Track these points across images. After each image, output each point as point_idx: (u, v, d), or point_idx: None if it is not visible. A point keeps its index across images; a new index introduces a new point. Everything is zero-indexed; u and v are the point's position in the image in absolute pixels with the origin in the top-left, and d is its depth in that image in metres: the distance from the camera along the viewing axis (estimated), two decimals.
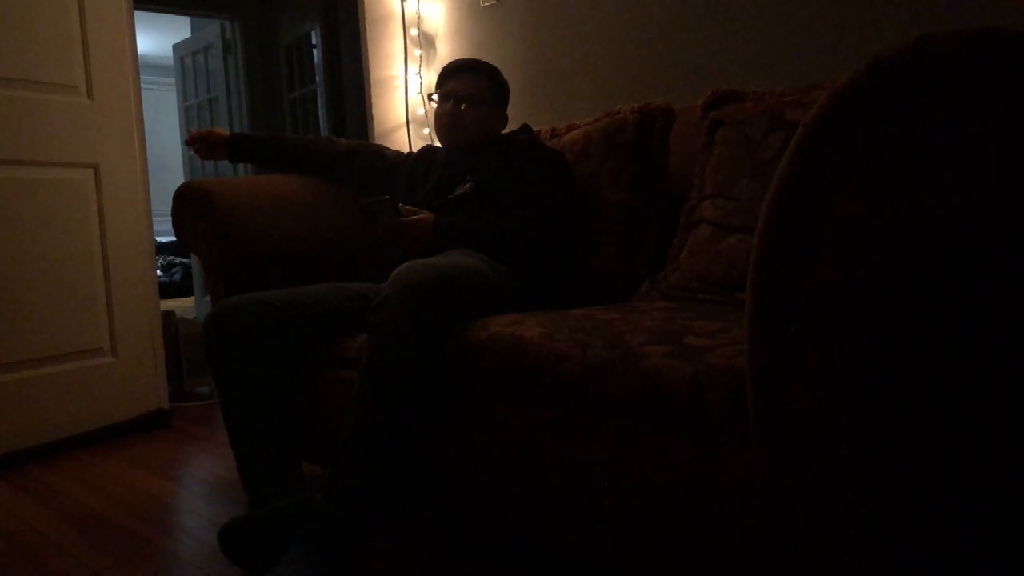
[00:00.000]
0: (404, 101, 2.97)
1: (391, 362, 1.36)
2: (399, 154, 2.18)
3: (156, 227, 2.73)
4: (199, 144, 2.09)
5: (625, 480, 1.14)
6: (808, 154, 0.81)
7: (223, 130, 2.14)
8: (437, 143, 2.28)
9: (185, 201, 1.91)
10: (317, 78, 5.10)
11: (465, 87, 1.95)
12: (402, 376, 1.36)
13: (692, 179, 1.77)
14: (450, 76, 2.00)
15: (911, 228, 0.76)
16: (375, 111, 2.94)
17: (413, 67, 2.95)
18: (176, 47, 5.85)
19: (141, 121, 2.62)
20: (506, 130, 2.04)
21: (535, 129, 2.06)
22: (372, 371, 1.37)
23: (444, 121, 1.95)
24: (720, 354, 1.05)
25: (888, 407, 0.80)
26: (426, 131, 2.92)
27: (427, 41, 2.95)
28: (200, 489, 2.06)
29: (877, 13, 1.86)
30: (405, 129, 2.96)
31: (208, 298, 4.50)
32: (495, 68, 2.03)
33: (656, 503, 1.10)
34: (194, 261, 5.44)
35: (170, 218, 1.96)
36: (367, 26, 2.92)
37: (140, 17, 2.77)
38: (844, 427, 0.82)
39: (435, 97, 2.01)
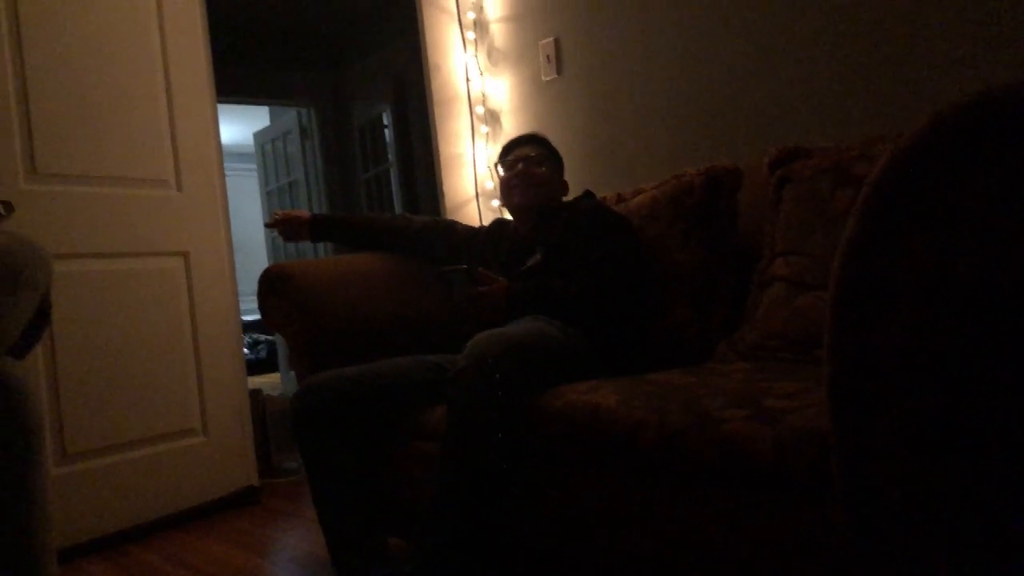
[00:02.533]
0: (473, 176, 3.05)
1: (470, 433, 1.38)
2: (470, 228, 2.23)
3: (241, 306, 2.83)
4: (282, 227, 2.19)
5: (707, 546, 1.12)
6: (874, 212, 0.81)
7: (304, 212, 2.24)
8: (506, 215, 2.33)
9: (270, 284, 1.99)
10: (390, 157, 5.28)
11: (532, 151, 2.05)
12: (482, 446, 1.38)
13: (762, 237, 1.77)
14: (515, 146, 2.10)
15: (987, 281, 0.75)
16: (446, 187, 3.03)
17: (480, 143, 3.04)
18: (256, 135, 6.14)
19: (226, 208, 2.75)
20: (568, 197, 2.08)
21: (600, 196, 2.10)
22: (452, 442, 1.40)
23: (515, 182, 2.01)
24: (801, 415, 1.04)
25: (980, 467, 0.78)
26: (495, 204, 2.98)
27: (492, 117, 3.04)
28: (290, 565, 2.10)
29: (937, 64, 1.85)
30: (475, 202, 3.03)
31: (293, 373, 4.63)
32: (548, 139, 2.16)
33: (739, 569, 1.08)
34: (279, 338, 5.60)
35: (254, 297, 2.04)
36: (435, 107, 3.03)
37: (222, 109, 2.93)
38: (934, 489, 0.80)
39: (500, 169, 2.10)
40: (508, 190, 2.04)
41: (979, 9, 1.78)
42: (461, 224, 2.26)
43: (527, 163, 2.02)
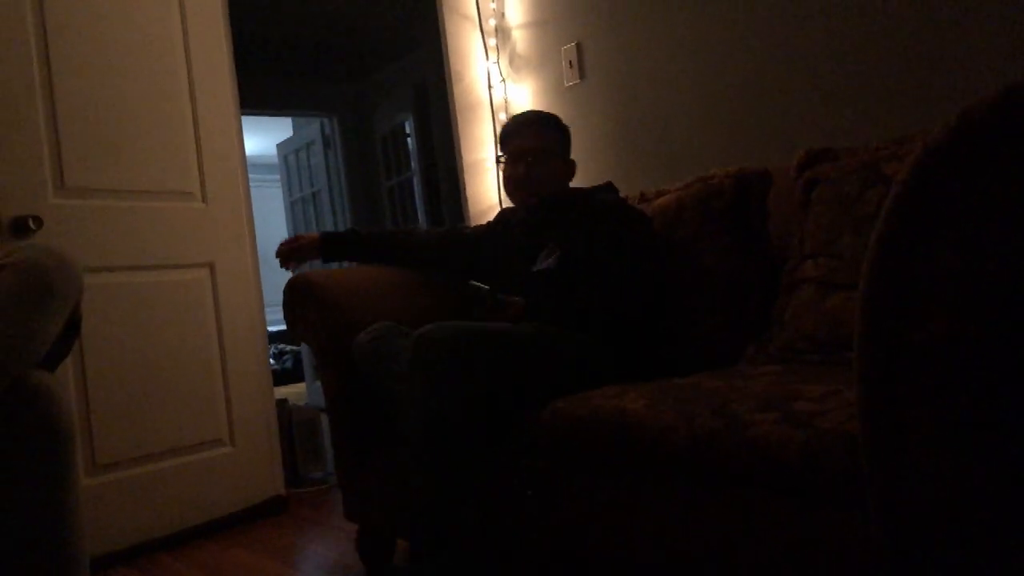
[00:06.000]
0: (496, 181, 3.05)
1: (419, 423, 1.45)
2: (479, 227, 2.21)
3: (267, 317, 2.84)
4: (291, 257, 2.15)
5: (735, 552, 1.10)
6: (905, 211, 0.80)
7: (312, 234, 2.18)
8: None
9: (295, 295, 1.99)
10: (412, 165, 5.30)
11: (532, 142, 1.95)
12: (429, 433, 1.44)
13: (791, 239, 1.75)
14: (513, 134, 1.99)
15: (1018, 278, 0.74)
16: (469, 193, 3.03)
17: None
18: (280, 146, 6.19)
19: (251, 219, 2.77)
20: (589, 184, 2.06)
21: (623, 195, 2.06)
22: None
23: (513, 185, 1.97)
24: (832, 418, 1.02)
25: (1017, 465, 0.76)
26: None
27: None
28: (318, 573, 2.10)
29: (964, 62, 1.82)
30: (499, 208, 3.03)
31: (318, 383, 4.65)
32: (555, 116, 2.04)
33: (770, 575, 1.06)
34: (304, 348, 5.63)
35: (279, 308, 2.05)
36: (457, 114, 3.04)
37: (246, 120, 2.95)
38: (970, 489, 0.78)
39: (503, 158, 2.02)
40: (509, 188, 2.01)
41: (1005, 5, 1.75)
42: (468, 228, 2.23)
43: (527, 160, 1.93)
